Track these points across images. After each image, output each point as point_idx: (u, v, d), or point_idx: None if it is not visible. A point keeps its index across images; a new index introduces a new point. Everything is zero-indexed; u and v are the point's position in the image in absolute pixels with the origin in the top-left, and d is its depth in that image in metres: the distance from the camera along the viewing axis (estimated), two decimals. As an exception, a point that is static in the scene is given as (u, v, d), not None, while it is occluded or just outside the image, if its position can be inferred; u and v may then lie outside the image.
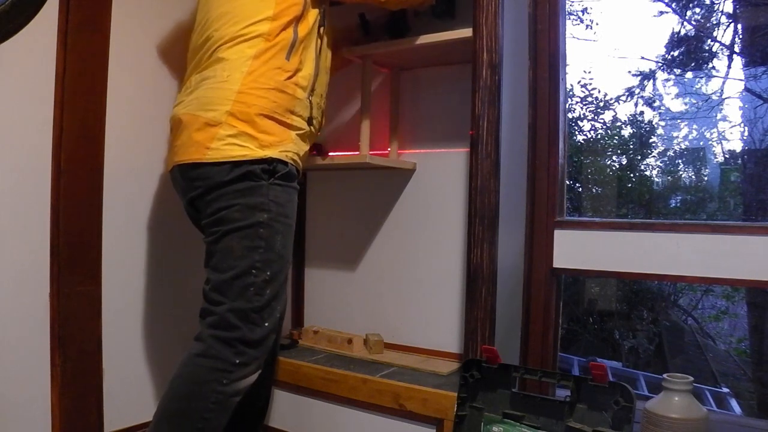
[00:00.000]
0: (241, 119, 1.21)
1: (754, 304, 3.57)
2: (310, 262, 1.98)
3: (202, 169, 1.21)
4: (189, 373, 1.19)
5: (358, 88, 1.67)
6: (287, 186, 1.26)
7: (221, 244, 1.20)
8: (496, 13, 1.36)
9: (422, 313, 1.73)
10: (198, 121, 1.22)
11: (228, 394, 1.18)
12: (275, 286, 1.23)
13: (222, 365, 1.17)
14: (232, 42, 1.24)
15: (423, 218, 1.74)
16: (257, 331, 1.20)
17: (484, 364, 1.27)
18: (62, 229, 1.39)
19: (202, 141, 1.21)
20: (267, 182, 1.21)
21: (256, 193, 1.20)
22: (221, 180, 1.20)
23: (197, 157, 1.21)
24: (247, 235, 1.19)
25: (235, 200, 1.19)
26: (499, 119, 1.37)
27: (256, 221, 1.20)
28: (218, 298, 1.20)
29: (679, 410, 1.12)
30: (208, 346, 1.18)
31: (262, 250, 1.20)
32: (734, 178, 3.77)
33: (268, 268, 1.21)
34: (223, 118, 1.20)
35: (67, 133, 1.40)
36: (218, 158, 1.19)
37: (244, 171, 1.19)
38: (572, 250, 1.52)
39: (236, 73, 1.22)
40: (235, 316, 1.18)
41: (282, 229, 1.24)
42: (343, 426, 1.56)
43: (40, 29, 1.35)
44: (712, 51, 3.72)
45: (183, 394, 1.19)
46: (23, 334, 1.36)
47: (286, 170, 1.25)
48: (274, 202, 1.22)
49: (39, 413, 1.38)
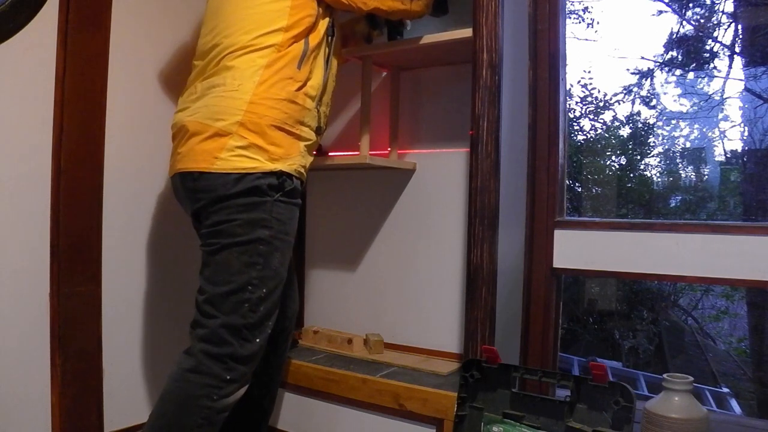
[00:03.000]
0: (252, 130, 1.19)
1: (754, 304, 3.57)
2: (310, 262, 1.98)
3: (206, 180, 1.19)
4: (179, 389, 1.18)
5: (358, 88, 1.67)
6: (290, 203, 1.24)
7: (219, 256, 1.19)
8: (496, 13, 1.36)
9: (422, 313, 1.73)
10: (207, 129, 1.19)
11: (217, 410, 1.18)
12: (269, 304, 1.22)
13: (212, 381, 1.17)
14: (242, 51, 1.22)
15: (423, 218, 1.74)
16: (248, 347, 1.19)
17: (484, 364, 1.27)
18: (62, 229, 1.39)
19: (211, 150, 1.18)
20: (272, 198, 1.20)
21: (260, 209, 1.19)
22: (225, 193, 1.18)
23: (204, 167, 1.19)
24: (246, 250, 1.18)
25: (238, 215, 1.18)
26: (499, 119, 1.37)
27: (257, 237, 1.18)
28: (211, 311, 1.18)
29: (679, 410, 1.12)
30: (199, 361, 1.17)
31: (260, 267, 1.19)
32: (734, 178, 3.77)
33: (264, 286, 1.20)
34: (234, 128, 1.18)
35: (67, 133, 1.40)
36: (227, 169, 1.17)
37: (249, 186, 1.18)
38: (572, 250, 1.52)
39: (248, 83, 1.20)
40: (228, 331, 1.17)
41: (281, 247, 1.23)
42: (343, 426, 1.56)
43: (40, 29, 1.35)
44: (713, 51, 3.72)
45: (172, 409, 1.18)
46: (23, 334, 1.36)
47: (292, 186, 1.24)
48: (277, 219, 1.21)
49: (39, 413, 1.38)
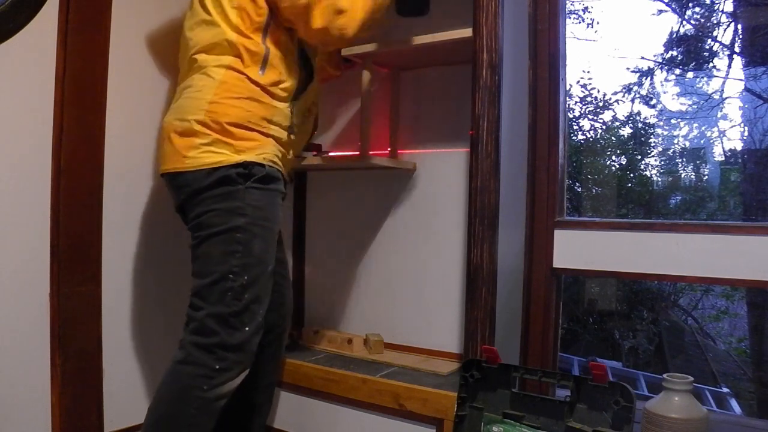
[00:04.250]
0: (213, 128, 1.21)
1: (754, 304, 3.57)
2: (310, 262, 1.98)
3: (182, 177, 1.23)
4: (171, 381, 1.21)
5: (358, 87, 1.67)
6: (266, 189, 1.25)
7: (201, 249, 1.22)
8: (496, 13, 1.36)
9: (422, 313, 1.73)
10: (175, 130, 1.24)
11: (210, 399, 1.19)
12: (254, 290, 1.23)
13: (203, 371, 1.18)
14: (207, 50, 1.26)
15: (423, 218, 1.74)
16: (237, 336, 1.20)
17: (484, 364, 1.27)
18: (62, 229, 1.39)
19: (179, 150, 1.22)
20: (243, 186, 1.21)
21: (233, 197, 1.21)
22: (199, 186, 1.21)
23: (176, 166, 1.23)
24: (225, 239, 1.20)
25: (214, 205, 1.20)
26: (499, 119, 1.37)
27: (234, 225, 1.20)
28: (199, 303, 1.21)
29: (679, 410, 1.12)
30: (188, 353, 1.19)
31: (239, 255, 1.20)
32: (734, 178, 3.78)
33: (246, 273, 1.21)
34: (197, 127, 1.21)
35: (67, 133, 1.40)
36: (196, 166, 1.21)
37: (220, 176, 1.20)
38: (572, 250, 1.52)
39: (210, 82, 1.23)
40: (214, 321, 1.19)
41: (261, 233, 1.23)
42: (343, 426, 1.56)
43: (40, 29, 1.35)
44: (713, 50, 3.73)
45: (167, 401, 1.20)
46: (23, 334, 1.36)
47: (263, 173, 1.24)
48: (252, 206, 1.22)
49: (39, 413, 1.38)
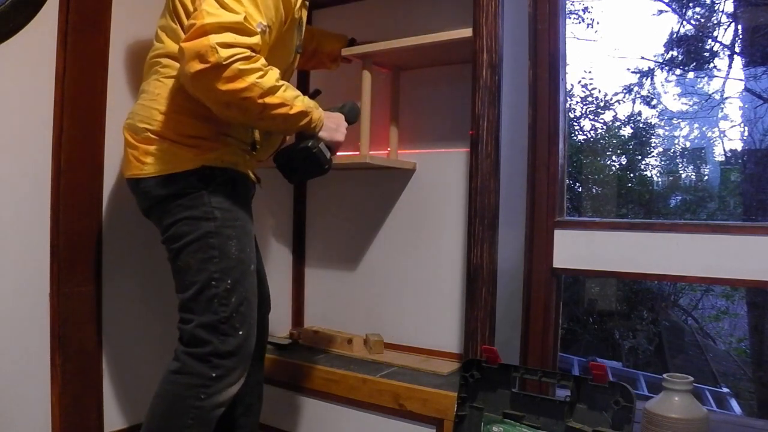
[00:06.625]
0: (167, 138, 1.19)
1: (754, 304, 3.57)
2: (310, 262, 1.98)
3: (144, 183, 1.21)
4: (166, 391, 1.18)
5: (358, 88, 1.67)
6: (231, 190, 1.23)
7: (178, 262, 1.20)
8: (496, 13, 1.36)
9: (422, 313, 1.73)
10: (132, 135, 1.22)
11: (207, 408, 1.17)
12: (240, 292, 1.21)
13: (198, 381, 1.16)
14: (165, 56, 1.23)
15: (423, 218, 1.74)
16: (230, 341, 1.18)
17: (484, 364, 1.27)
18: (62, 229, 1.39)
19: (138, 156, 1.21)
20: (207, 190, 1.19)
21: (199, 203, 1.19)
22: (160, 194, 1.19)
23: (135, 173, 1.21)
24: (198, 247, 1.18)
25: (180, 214, 1.19)
26: (499, 119, 1.37)
27: (205, 231, 1.18)
28: (188, 316, 1.19)
29: (679, 410, 1.12)
30: (183, 363, 1.17)
31: (216, 260, 1.18)
32: (734, 178, 3.78)
33: (227, 276, 1.19)
34: (152, 135, 1.20)
35: (67, 133, 1.40)
36: (154, 173, 1.19)
37: (181, 182, 1.18)
38: (572, 250, 1.52)
39: (164, 92, 1.21)
40: (205, 331, 1.17)
41: (234, 234, 1.21)
42: (343, 426, 1.56)
43: (40, 29, 1.35)
44: (713, 51, 3.73)
45: (161, 412, 1.18)
46: (23, 334, 1.36)
47: (225, 175, 1.22)
48: (219, 209, 1.20)
49: (39, 413, 1.38)
